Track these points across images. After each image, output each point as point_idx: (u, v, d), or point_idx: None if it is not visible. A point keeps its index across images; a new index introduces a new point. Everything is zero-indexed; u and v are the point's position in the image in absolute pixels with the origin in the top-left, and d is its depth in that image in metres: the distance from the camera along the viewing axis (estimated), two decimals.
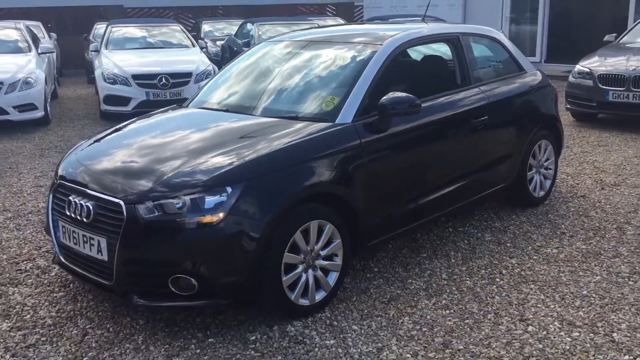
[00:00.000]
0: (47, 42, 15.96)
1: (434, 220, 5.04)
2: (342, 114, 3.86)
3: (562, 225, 5.03)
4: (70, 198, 3.54)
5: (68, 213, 3.54)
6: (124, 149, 3.95)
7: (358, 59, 4.23)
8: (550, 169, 5.62)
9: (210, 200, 3.26)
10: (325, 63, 4.43)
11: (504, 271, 4.20)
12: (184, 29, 12.43)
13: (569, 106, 9.21)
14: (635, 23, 10.33)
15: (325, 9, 23.48)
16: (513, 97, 5.08)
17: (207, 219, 3.22)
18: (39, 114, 9.70)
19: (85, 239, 3.41)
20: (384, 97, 3.90)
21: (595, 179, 6.30)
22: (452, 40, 4.82)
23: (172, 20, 13.29)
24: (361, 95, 3.95)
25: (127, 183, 3.45)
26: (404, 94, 3.93)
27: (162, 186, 3.33)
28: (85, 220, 3.41)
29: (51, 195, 3.77)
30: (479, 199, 4.99)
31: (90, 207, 3.39)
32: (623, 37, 10.01)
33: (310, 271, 3.60)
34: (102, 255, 3.34)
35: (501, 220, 5.18)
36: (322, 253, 3.65)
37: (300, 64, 4.53)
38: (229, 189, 3.28)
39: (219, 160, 3.46)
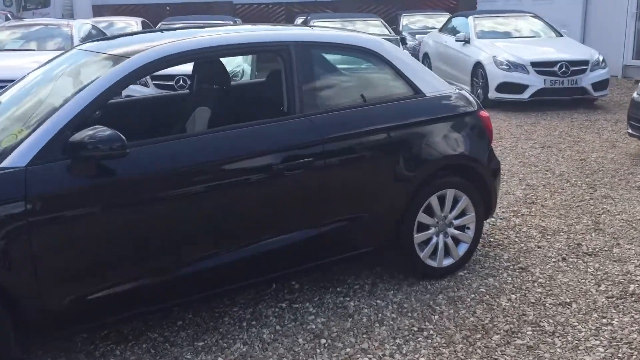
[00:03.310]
0: None
1: (276, 289, 3.83)
2: (15, 155, 2.78)
3: (435, 317, 3.53)
4: None
5: None
6: None
7: (87, 79, 3.13)
8: (468, 228, 4.06)
9: None
10: (69, 81, 3.38)
11: None
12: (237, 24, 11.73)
13: (631, 131, 7.11)
14: None
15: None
16: (378, 131, 3.62)
17: None
18: None
19: None
20: (77, 134, 2.80)
21: (571, 243, 4.55)
22: (279, 52, 3.50)
23: (229, 17, 12.62)
24: (56, 129, 2.84)
25: None
26: (105, 130, 2.79)
27: None
28: None
29: None
30: (312, 269, 3.66)
31: None
32: None
33: None
34: None
35: (370, 296, 3.78)
36: None
37: (53, 81, 3.52)
38: None
39: None
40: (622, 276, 3.99)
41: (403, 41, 12.54)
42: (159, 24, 12.00)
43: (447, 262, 4.00)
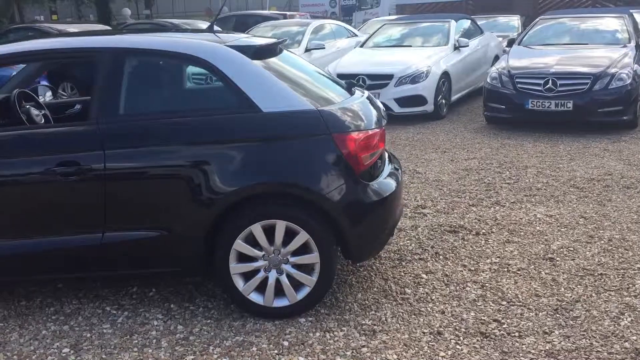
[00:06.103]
0: None
1: (117, 292, 3.89)
2: None
3: (188, 358, 3.13)
4: None
5: None
6: None
7: None
8: (313, 270, 3.43)
9: None
10: None
11: None
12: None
13: None
14: None
15: None
16: (174, 144, 3.29)
17: None
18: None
19: None
20: None
21: (485, 317, 3.43)
22: (86, 58, 3.56)
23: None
24: None
25: None
26: None
27: None
28: None
29: None
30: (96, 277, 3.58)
31: None
32: None
33: None
34: None
35: (186, 320, 3.52)
36: None
37: None
38: None
39: None
40: None
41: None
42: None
43: (281, 303, 3.46)
